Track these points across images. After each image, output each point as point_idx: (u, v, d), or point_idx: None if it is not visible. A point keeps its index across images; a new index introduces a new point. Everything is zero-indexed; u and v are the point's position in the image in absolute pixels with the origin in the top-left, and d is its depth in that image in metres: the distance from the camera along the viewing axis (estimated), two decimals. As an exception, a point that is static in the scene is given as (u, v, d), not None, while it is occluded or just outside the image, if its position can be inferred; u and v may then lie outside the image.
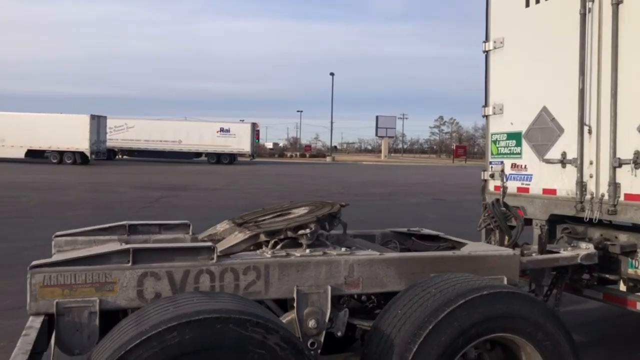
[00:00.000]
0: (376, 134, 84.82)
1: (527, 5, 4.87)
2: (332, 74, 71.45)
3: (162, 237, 3.60)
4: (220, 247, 2.93)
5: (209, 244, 2.79)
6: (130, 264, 2.57)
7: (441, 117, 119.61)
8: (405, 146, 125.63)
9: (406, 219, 13.78)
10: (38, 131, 36.31)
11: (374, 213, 14.15)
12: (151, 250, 2.67)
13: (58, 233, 3.43)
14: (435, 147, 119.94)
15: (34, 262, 2.53)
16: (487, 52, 5.33)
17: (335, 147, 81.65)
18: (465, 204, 17.49)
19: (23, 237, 9.62)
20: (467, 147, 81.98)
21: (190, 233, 3.71)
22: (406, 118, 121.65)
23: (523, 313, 2.62)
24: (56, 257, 2.94)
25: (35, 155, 37.08)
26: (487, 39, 5.32)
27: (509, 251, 3.38)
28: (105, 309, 2.54)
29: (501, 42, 5.15)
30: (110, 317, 2.72)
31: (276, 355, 2.14)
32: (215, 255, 2.72)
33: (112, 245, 3.07)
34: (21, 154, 36.84)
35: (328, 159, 69.02)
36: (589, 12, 4.28)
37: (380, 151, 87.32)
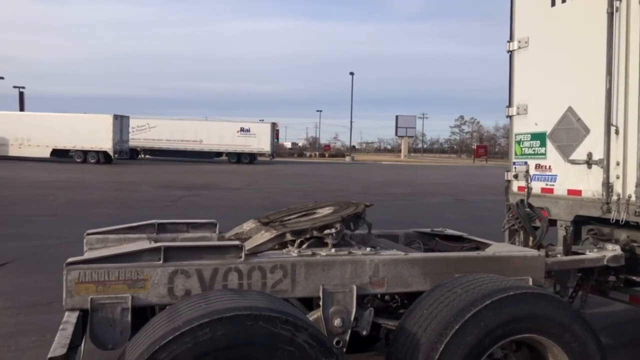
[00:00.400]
0: (396, 134, 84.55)
1: (553, 4, 4.83)
2: (351, 73, 71.23)
3: (189, 236, 3.67)
4: (247, 245, 2.98)
5: (237, 242, 2.85)
6: (161, 261, 2.63)
7: (462, 117, 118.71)
8: (425, 146, 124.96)
9: (427, 220, 13.75)
10: (63, 131, 36.96)
11: (395, 213, 14.13)
12: (181, 248, 2.73)
13: (89, 231, 3.53)
14: (455, 147, 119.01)
15: (70, 259, 2.61)
16: (511, 52, 5.30)
17: (354, 146, 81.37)
18: (486, 205, 17.35)
19: (50, 234, 9.83)
20: (488, 147, 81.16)
21: (217, 232, 3.77)
22: (426, 118, 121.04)
23: (549, 314, 2.62)
24: (88, 255, 3.02)
25: (60, 155, 37.75)
26: (511, 39, 5.30)
27: (533, 252, 3.37)
28: (137, 305, 2.61)
29: (526, 42, 5.12)
30: (140, 314, 2.79)
31: (305, 353, 2.18)
32: (243, 253, 2.77)
33: (143, 243, 3.14)
34: (47, 154, 37.54)
35: (347, 158, 68.96)
36: (617, 11, 4.23)
37: (399, 151, 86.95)
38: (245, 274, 2.74)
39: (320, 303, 2.86)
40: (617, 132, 4.23)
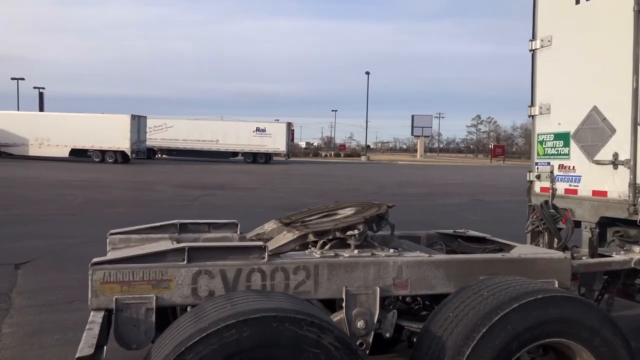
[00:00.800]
0: (412, 133, 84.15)
1: (577, 2, 4.75)
2: (367, 73, 71.06)
3: (211, 236, 3.68)
4: (270, 246, 2.97)
5: (260, 243, 2.84)
6: (185, 262, 2.63)
7: (478, 116, 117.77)
8: (441, 145, 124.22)
9: (445, 220, 13.63)
10: (81, 131, 37.40)
11: (411, 214, 14.04)
12: (205, 248, 2.73)
13: (112, 231, 3.55)
14: (472, 146, 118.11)
15: (95, 260, 2.62)
16: (533, 51, 5.23)
17: (369, 146, 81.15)
18: (505, 205, 17.18)
19: (69, 233, 9.94)
20: (505, 147, 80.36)
21: (238, 232, 3.77)
22: (442, 117, 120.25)
23: (578, 318, 2.57)
24: (111, 255, 3.04)
25: (78, 154, 38.22)
26: (534, 38, 5.22)
27: (559, 254, 3.31)
28: (161, 305, 2.62)
29: (549, 41, 5.05)
30: (162, 315, 2.80)
31: (330, 355, 2.16)
32: (266, 254, 2.76)
33: (165, 243, 3.15)
34: (65, 153, 38.04)
35: (362, 158, 68.80)
36: (644, 8, 4.14)
37: (415, 150, 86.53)
38: (269, 275, 2.73)
39: (343, 305, 2.84)
40: (644, 132, 4.15)
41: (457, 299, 2.68)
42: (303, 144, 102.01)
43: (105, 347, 2.71)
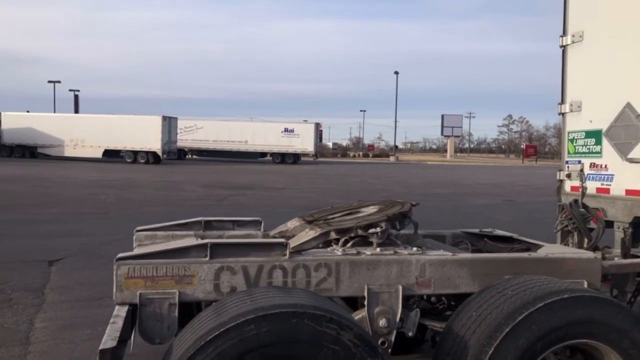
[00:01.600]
0: (441, 133, 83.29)
1: (609, -5, 4.63)
2: (396, 72, 70.71)
3: (235, 233, 3.71)
4: (292, 243, 2.97)
5: (282, 240, 2.84)
6: (207, 258, 2.66)
7: (510, 116, 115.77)
8: (472, 146, 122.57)
9: (474, 221, 13.44)
10: (114, 132, 38.24)
11: (440, 214, 13.90)
12: (227, 245, 2.75)
13: (139, 228, 3.61)
14: (503, 146, 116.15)
15: (120, 255, 2.67)
16: (564, 47, 5.10)
17: (397, 146, 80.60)
18: (537, 206, 16.83)
19: (101, 232, 10.16)
20: (537, 147, 78.74)
21: (262, 230, 3.79)
22: (473, 117, 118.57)
23: (607, 319, 2.49)
24: (138, 251, 3.09)
25: (111, 155, 39.08)
26: (564, 33, 5.10)
27: (589, 254, 3.22)
28: (184, 301, 2.65)
29: (580, 36, 4.92)
30: (186, 311, 2.83)
31: (350, 352, 2.15)
32: (287, 251, 2.77)
33: (190, 240, 3.18)
34: (99, 154, 38.95)
35: (391, 158, 68.42)
36: (681, 1, 4.00)
37: (445, 151, 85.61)
38: (290, 272, 2.73)
39: (365, 303, 2.82)
40: (680, 129, 4.01)
41: (481, 298, 2.63)
42: (330, 144, 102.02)
43: (129, 341, 2.76)
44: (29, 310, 5.44)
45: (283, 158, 46.29)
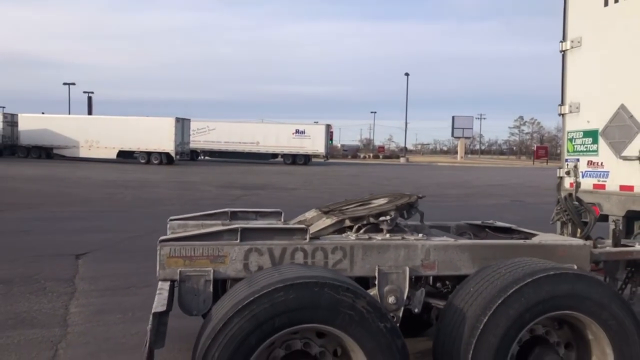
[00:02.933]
0: (452, 135, 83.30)
1: (606, 4, 4.95)
2: (406, 74, 70.85)
3: (258, 223, 4.08)
4: (311, 230, 3.33)
5: (302, 226, 3.22)
6: (238, 240, 3.03)
7: (521, 117, 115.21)
8: (483, 147, 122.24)
9: (482, 220, 13.66)
10: (128, 133, 38.78)
11: (450, 214, 14.15)
12: (255, 229, 3.13)
13: (172, 217, 4.00)
14: (514, 148, 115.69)
15: (162, 237, 3.05)
16: (564, 52, 5.44)
17: (406, 148, 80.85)
18: (546, 206, 16.95)
19: (122, 228, 10.60)
20: (548, 148, 78.39)
21: (282, 220, 4.16)
22: (484, 118, 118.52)
23: (588, 293, 2.83)
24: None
25: (125, 156, 39.66)
26: (564, 39, 5.44)
27: (579, 241, 3.55)
28: (218, 278, 3.03)
29: (579, 42, 5.25)
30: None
31: (363, 317, 2.51)
32: (307, 236, 3.14)
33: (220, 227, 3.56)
34: (113, 155, 39.55)
35: (402, 160, 68.60)
36: (668, 10, 4.33)
37: (456, 152, 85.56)
38: (310, 253, 3.10)
39: (376, 282, 3.18)
40: (668, 129, 4.33)
41: (478, 276, 2.98)
42: (341, 146, 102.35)
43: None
44: (63, 297, 5.85)
45: (294, 159, 46.69)
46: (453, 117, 78.92)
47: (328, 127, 49.13)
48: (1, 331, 4.70)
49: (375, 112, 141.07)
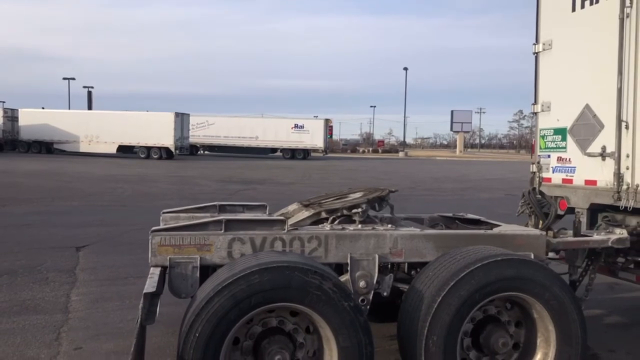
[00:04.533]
0: (451, 129, 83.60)
1: (573, 10, 5.25)
2: (405, 69, 71.18)
3: (243, 215, 4.42)
4: (290, 221, 3.67)
5: (281, 217, 3.56)
6: (222, 231, 3.37)
7: (520, 111, 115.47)
8: (482, 141, 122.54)
9: (475, 214, 13.97)
10: (128, 128, 39.07)
11: (444, 208, 14.41)
12: (238, 221, 3.46)
13: (165, 210, 4.33)
14: (514, 142, 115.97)
15: (154, 228, 3.39)
16: (537, 54, 5.75)
17: (405, 142, 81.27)
18: (536, 200, 17.34)
19: (121, 222, 10.95)
20: (547, 142, 78.55)
21: (267, 213, 4.50)
22: (484, 112, 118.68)
23: (531, 276, 3.16)
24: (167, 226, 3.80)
25: (125, 151, 39.99)
26: (537, 41, 5.74)
27: (535, 231, 3.89)
28: (204, 264, 3.36)
29: (549, 45, 5.56)
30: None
31: (329, 297, 2.85)
32: (286, 226, 3.47)
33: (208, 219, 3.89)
34: (113, 150, 39.85)
35: (401, 154, 68.92)
36: (627, 17, 4.63)
37: (455, 146, 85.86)
38: (288, 242, 3.44)
39: (349, 268, 3.51)
40: (627, 127, 4.64)
41: (437, 262, 3.32)
42: (340, 140, 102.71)
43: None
44: (64, 287, 6.20)
45: (293, 154, 47.03)
46: (452, 112, 79.18)
47: (327, 121, 49.43)
48: (7, 317, 5.05)
49: (374, 107, 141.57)
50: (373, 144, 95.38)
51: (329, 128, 50.81)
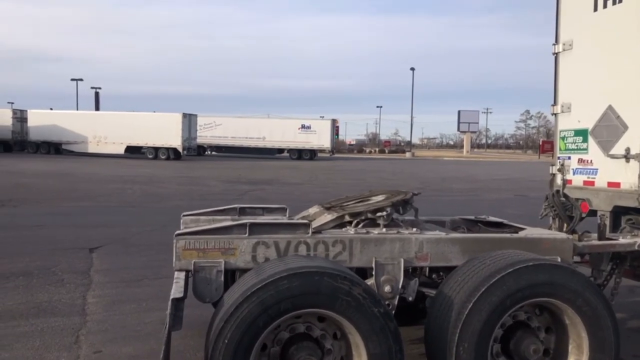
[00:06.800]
0: (458, 129, 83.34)
1: (595, 9, 5.18)
2: (412, 69, 71.02)
3: (265, 218, 4.37)
4: (313, 225, 3.62)
5: (305, 221, 3.51)
6: (247, 234, 3.33)
7: (527, 111, 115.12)
8: (489, 141, 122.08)
9: (486, 214, 13.89)
10: (136, 129, 39.18)
11: (453, 208, 14.44)
12: (262, 224, 3.42)
13: (185, 213, 4.30)
14: (521, 142, 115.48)
15: (178, 232, 3.35)
16: (556, 54, 5.68)
17: (411, 142, 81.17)
18: (547, 201, 17.21)
19: (132, 223, 10.93)
20: (554, 143, 78.17)
21: (287, 215, 4.45)
22: (490, 112, 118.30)
23: (563, 282, 3.10)
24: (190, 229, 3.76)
25: (133, 151, 40.10)
26: (556, 42, 5.68)
27: (562, 235, 3.82)
28: (228, 268, 3.32)
29: (570, 45, 5.49)
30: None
31: (359, 303, 2.80)
32: (310, 230, 3.43)
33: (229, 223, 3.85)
34: (121, 150, 39.98)
35: (407, 154, 68.78)
36: (651, 16, 4.56)
37: (462, 147, 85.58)
38: (312, 246, 3.39)
39: (373, 273, 3.46)
40: (651, 129, 4.57)
41: (465, 267, 3.26)
42: (347, 141, 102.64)
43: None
44: (80, 289, 6.18)
45: (300, 154, 47.02)
46: (459, 112, 78.92)
47: (334, 122, 49.38)
48: (25, 319, 5.03)
49: (381, 107, 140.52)
50: (379, 144, 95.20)
51: (335, 128, 50.76)
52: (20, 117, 43.77)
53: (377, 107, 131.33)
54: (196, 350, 4.28)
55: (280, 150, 48.17)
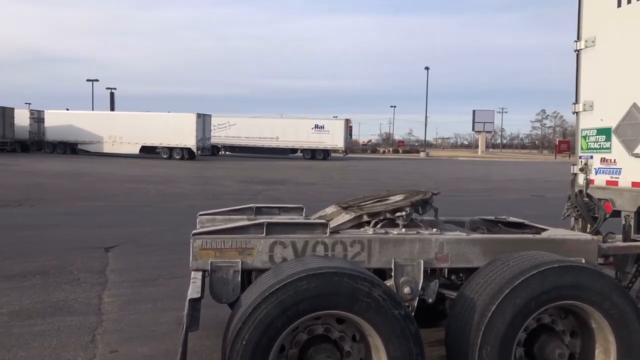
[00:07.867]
0: (473, 129, 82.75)
1: (619, 5, 5.06)
2: (427, 68, 70.64)
3: (281, 218, 4.32)
4: (331, 224, 3.56)
5: (323, 221, 3.45)
6: (264, 234, 3.28)
7: (543, 111, 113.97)
8: (504, 141, 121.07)
9: (501, 214, 13.73)
10: (150, 129, 39.42)
11: (469, 208, 14.28)
12: (280, 224, 3.37)
13: (201, 212, 4.26)
14: (537, 142, 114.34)
15: (195, 231, 3.31)
16: (578, 51, 5.55)
17: (426, 142, 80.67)
18: (565, 201, 16.98)
19: (147, 223, 10.96)
20: (570, 142, 77.23)
21: (303, 215, 4.40)
22: (506, 112, 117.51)
23: (590, 284, 3.00)
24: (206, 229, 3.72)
25: (147, 151, 40.34)
26: (578, 39, 5.55)
27: (587, 236, 3.72)
28: (245, 268, 3.28)
29: (592, 42, 5.36)
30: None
31: (379, 304, 2.74)
32: (328, 230, 3.37)
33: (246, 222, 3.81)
34: (136, 150, 40.27)
35: (421, 154, 68.43)
36: (679, 11, 4.43)
37: (477, 146, 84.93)
38: (330, 246, 3.33)
39: (392, 274, 3.39)
40: (679, 127, 4.44)
41: (488, 268, 3.18)
42: (360, 141, 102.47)
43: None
44: (96, 288, 6.19)
45: (313, 154, 47.00)
46: (474, 112, 78.40)
47: (347, 121, 49.29)
48: (42, 318, 5.04)
49: (395, 107, 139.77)
50: (393, 144, 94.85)
51: (349, 128, 50.66)
52: (37, 118, 44.30)
53: (391, 106, 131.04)
54: (212, 351, 4.25)
55: (294, 150, 48.19)
